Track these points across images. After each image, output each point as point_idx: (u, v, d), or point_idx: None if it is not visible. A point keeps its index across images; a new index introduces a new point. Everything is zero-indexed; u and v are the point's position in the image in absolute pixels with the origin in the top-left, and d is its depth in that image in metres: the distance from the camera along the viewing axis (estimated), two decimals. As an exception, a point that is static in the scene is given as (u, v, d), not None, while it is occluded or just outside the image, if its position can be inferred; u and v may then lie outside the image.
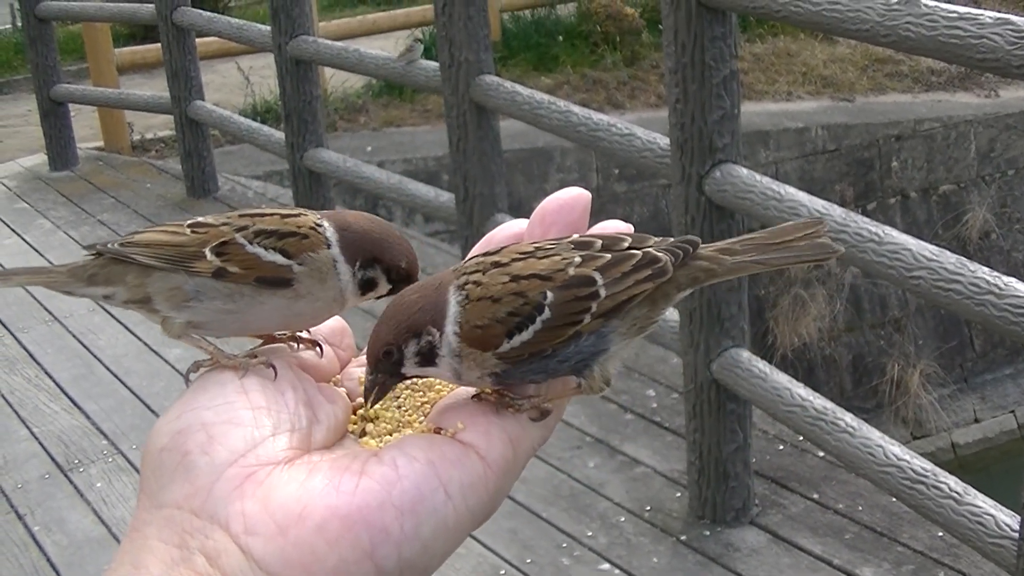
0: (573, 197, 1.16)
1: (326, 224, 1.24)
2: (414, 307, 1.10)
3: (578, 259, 1.10)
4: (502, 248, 1.12)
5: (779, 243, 1.15)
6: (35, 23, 12.00)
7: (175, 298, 1.23)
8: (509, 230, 1.18)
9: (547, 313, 1.08)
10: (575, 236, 1.13)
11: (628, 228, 1.16)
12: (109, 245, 1.28)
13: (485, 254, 1.12)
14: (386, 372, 1.11)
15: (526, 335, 1.08)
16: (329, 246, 1.22)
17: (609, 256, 1.10)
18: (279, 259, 1.21)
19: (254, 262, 1.21)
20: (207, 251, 1.22)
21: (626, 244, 1.12)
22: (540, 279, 1.08)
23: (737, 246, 1.15)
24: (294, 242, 1.21)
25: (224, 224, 1.24)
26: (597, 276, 1.09)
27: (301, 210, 1.26)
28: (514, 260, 1.10)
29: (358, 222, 1.25)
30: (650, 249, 1.12)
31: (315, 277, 1.21)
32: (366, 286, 1.23)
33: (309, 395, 1.11)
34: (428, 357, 1.10)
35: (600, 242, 1.12)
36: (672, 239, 1.15)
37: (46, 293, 8.58)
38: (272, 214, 1.25)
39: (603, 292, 1.09)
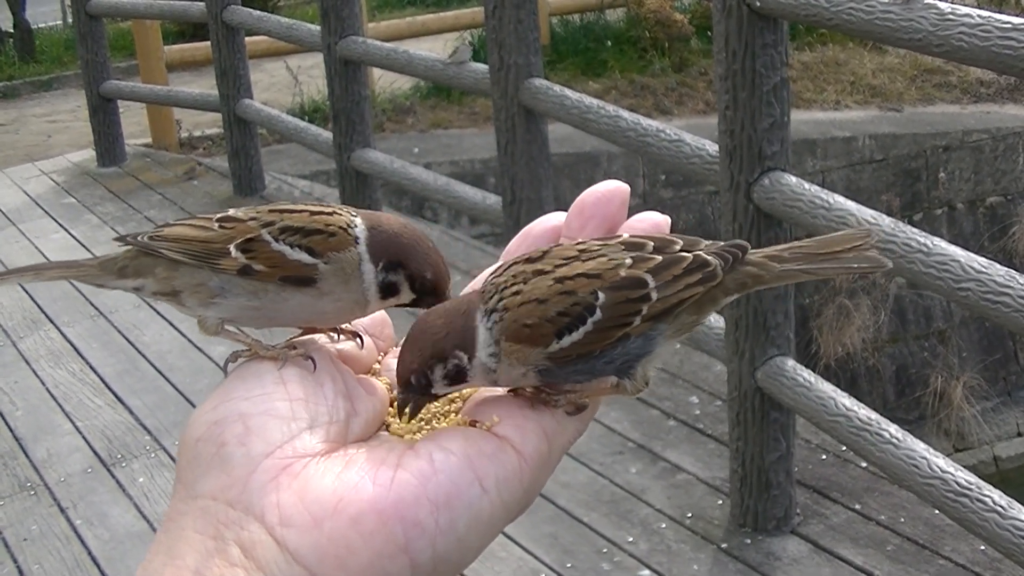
0: (611, 190, 1.16)
1: (358, 221, 1.22)
2: (439, 333, 1.09)
3: (629, 260, 1.09)
4: (544, 254, 1.11)
5: (828, 253, 1.14)
6: (86, 19, 12.07)
7: (201, 294, 1.23)
8: (547, 223, 1.18)
9: (598, 314, 1.07)
10: (625, 236, 1.12)
11: (665, 220, 1.15)
12: (139, 237, 1.27)
13: (527, 260, 1.11)
14: (416, 393, 1.11)
15: (576, 335, 1.07)
16: (357, 243, 1.20)
17: (660, 258, 1.10)
18: (304, 258, 1.19)
19: (279, 260, 1.19)
20: (232, 248, 1.21)
21: (678, 247, 1.12)
22: (587, 278, 1.07)
23: (786, 253, 1.14)
24: (320, 240, 1.19)
25: (252, 219, 1.22)
26: (648, 278, 1.08)
27: (335, 207, 1.24)
28: (558, 267, 1.09)
29: (390, 224, 1.23)
30: (700, 252, 1.11)
31: (339, 276, 1.19)
32: (387, 290, 1.21)
33: (348, 387, 1.11)
34: (456, 378, 1.10)
35: (652, 243, 1.11)
36: (722, 243, 1.14)
37: (92, 288, 8.63)
38: (302, 210, 1.23)
39: (654, 295, 1.08)
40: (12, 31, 19.39)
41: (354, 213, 1.23)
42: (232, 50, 10.58)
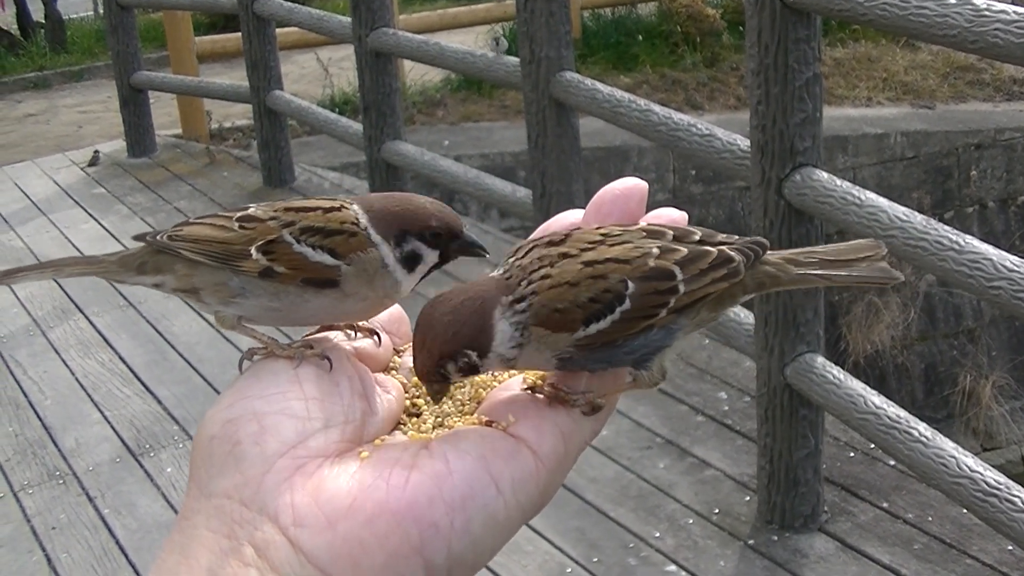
0: (630, 187, 1.16)
1: (358, 209, 1.20)
2: (446, 331, 1.08)
3: (656, 250, 1.09)
4: (566, 238, 1.11)
5: (842, 261, 1.17)
6: (117, 10, 12.08)
7: (221, 293, 1.22)
8: (566, 220, 1.18)
9: (627, 304, 1.07)
10: (643, 223, 1.13)
11: (682, 216, 1.16)
12: (159, 237, 1.27)
13: (549, 244, 1.11)
14: (437, 382, 1.10)
15: (603, 324, 1.07)
16: (371, 239, 1.19)
17: (686, 250, 1.10)
18: (327, 259, 1.18)
19: (301, 262, 1.18)
20: (253, 250, 1.20)
21: (697, 237, 1.13)
22: (616, 263, 1.08)
23: (802, 257, 1.17)
24: (341, 241, 1.18)
25: (272, 219, 1.21)
26: (677, 271, 1.09)
27: (341, 201, 1.22)
28: (584, 250, 1.09)
29: (377, 201, 1.22)
30: (724, 248, 1.12)
31: (362, 277, 1.18)
32: (411, 262, 1.20)
33: (364, 386, 1.11)
34: (469, 371, 1.10)
35: (671, 233, 1.12)
36: (741, 238, 1.15)
37: (121, 278, 8.67)
38: (315, 208, 1.21)
39: (682, 288, 1.09)
40: (43, 22, 19.46)
41: (353, 207, 1.21)
42: (263, 41, 10.58)
